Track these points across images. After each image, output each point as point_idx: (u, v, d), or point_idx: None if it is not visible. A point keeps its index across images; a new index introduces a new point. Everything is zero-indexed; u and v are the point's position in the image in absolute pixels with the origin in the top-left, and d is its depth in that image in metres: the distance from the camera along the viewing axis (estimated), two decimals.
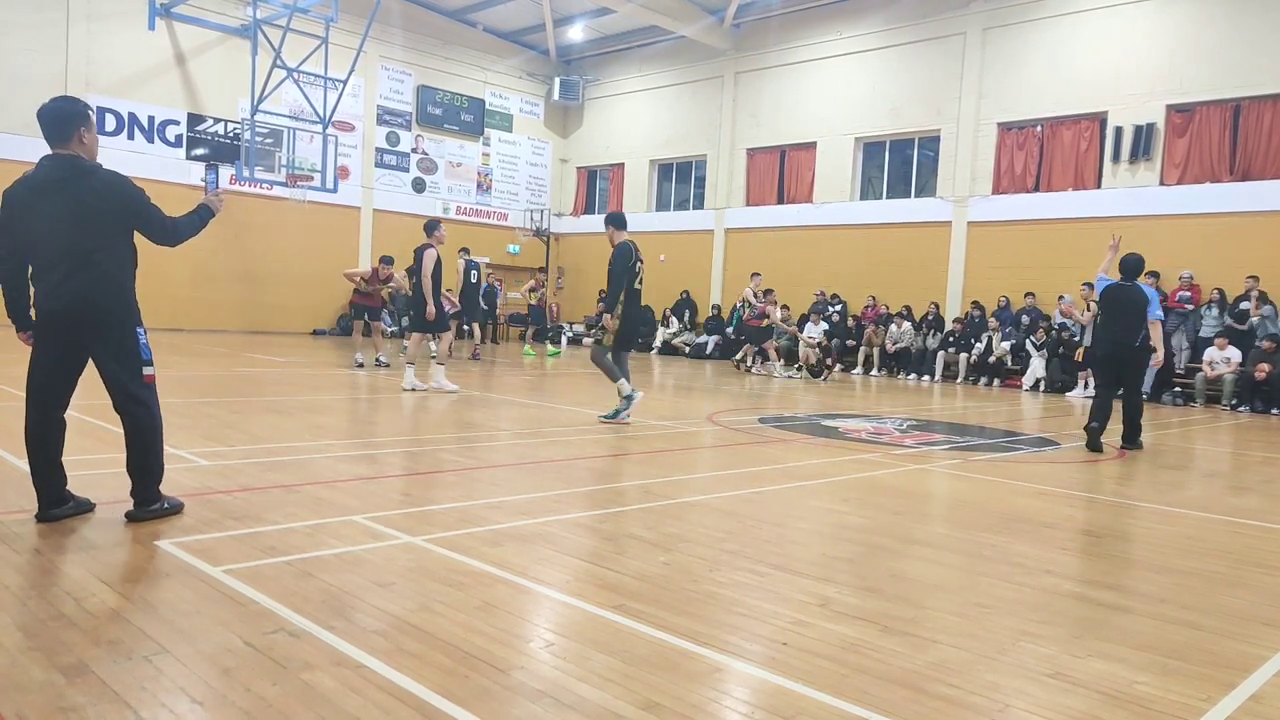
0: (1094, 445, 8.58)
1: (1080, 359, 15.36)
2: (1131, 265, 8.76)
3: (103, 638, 2.83)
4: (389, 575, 3.61)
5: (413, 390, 10.71)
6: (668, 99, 25.40)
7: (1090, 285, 11.94)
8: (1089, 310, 12.33)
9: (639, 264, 8.84)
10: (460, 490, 5.40)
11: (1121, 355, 8.69)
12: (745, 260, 23.40)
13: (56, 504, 4.18)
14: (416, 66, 24.81)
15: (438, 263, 10.72)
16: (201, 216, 4.51)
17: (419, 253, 10.91)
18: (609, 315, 8.89)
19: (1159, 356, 8.91)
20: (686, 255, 24.31)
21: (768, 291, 18.16)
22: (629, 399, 8.89)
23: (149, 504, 4.26)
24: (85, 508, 4.30)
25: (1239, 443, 10.38)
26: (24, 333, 4.25)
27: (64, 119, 4.08)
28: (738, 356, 18.29)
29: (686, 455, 7.48)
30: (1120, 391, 8.83)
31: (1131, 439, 8.80)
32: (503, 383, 12.95)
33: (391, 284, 14.60)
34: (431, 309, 10.79)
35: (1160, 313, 8.95)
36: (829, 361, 17.43)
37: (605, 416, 8.95)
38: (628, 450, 7.38)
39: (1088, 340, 14.98)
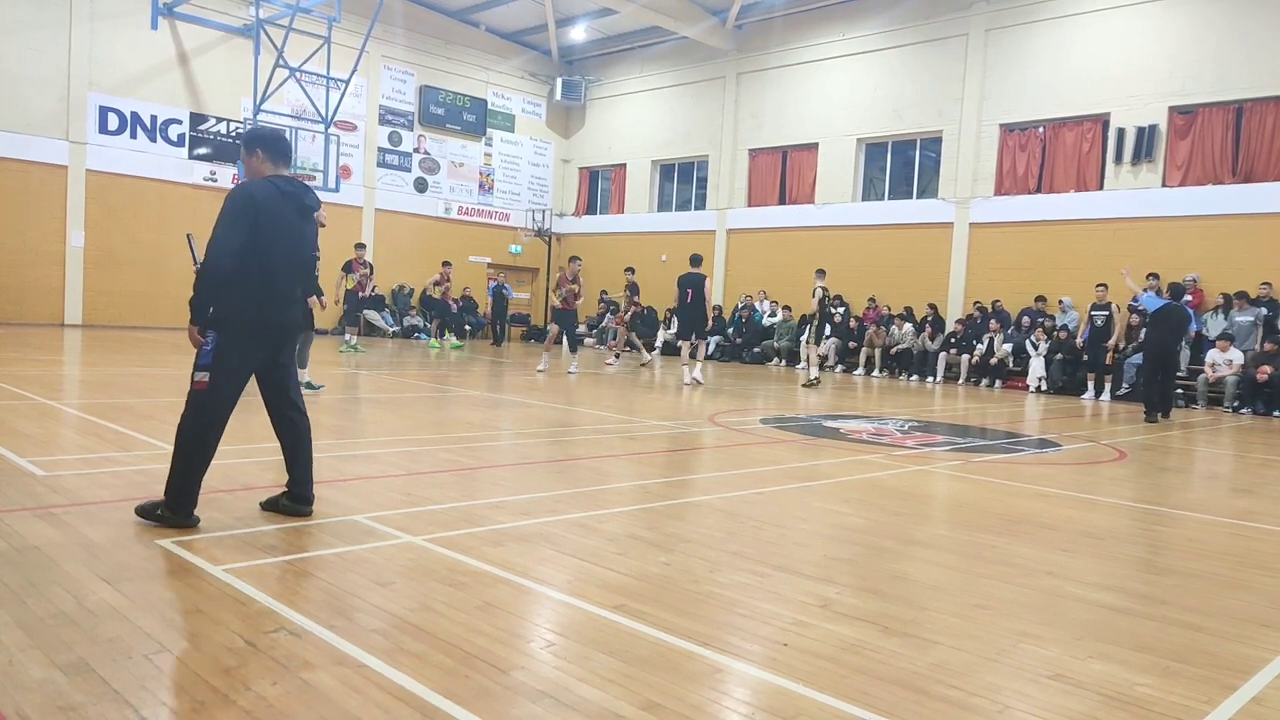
0: (1152, 419, 11.87)
1: (1111, 360, 15.44)
2: (1177, 290, 12.55)
3: (103, 636, 2.83)
4: (390, 575, 3.61)
5: (694, 384, 13.58)
6: (670, 100, 25.40)
7: (1134, 309, 15.09)
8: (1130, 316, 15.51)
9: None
10: (461, 490, 5.40)
11: (1168, 356, 12.23)
12: (747, 261, 23.42)
13: (194, 511, 4.17)
14: (419, 66, 24.82)
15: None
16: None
17: (698, 282, 14.17)
18: None
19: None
20: (688, 256, 24.25)
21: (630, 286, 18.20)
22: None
23: (311, 501, 4.48)
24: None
25: (1240, 445, 10.36)
26: (201, 328, 4.05)
27: (289, 148, 4.45)
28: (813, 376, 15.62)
29: (688, 456, 7.48)
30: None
31: (1166, 412, 12.14)
32: (503, 383, 12.96)
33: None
34: (710, 323, 14.74)
35: (1195, 326, 13.05)
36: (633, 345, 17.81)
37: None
38: (629, 451, 7.38)
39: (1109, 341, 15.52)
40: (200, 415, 4.07)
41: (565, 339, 15.24)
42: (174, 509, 4.07)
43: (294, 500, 4.44)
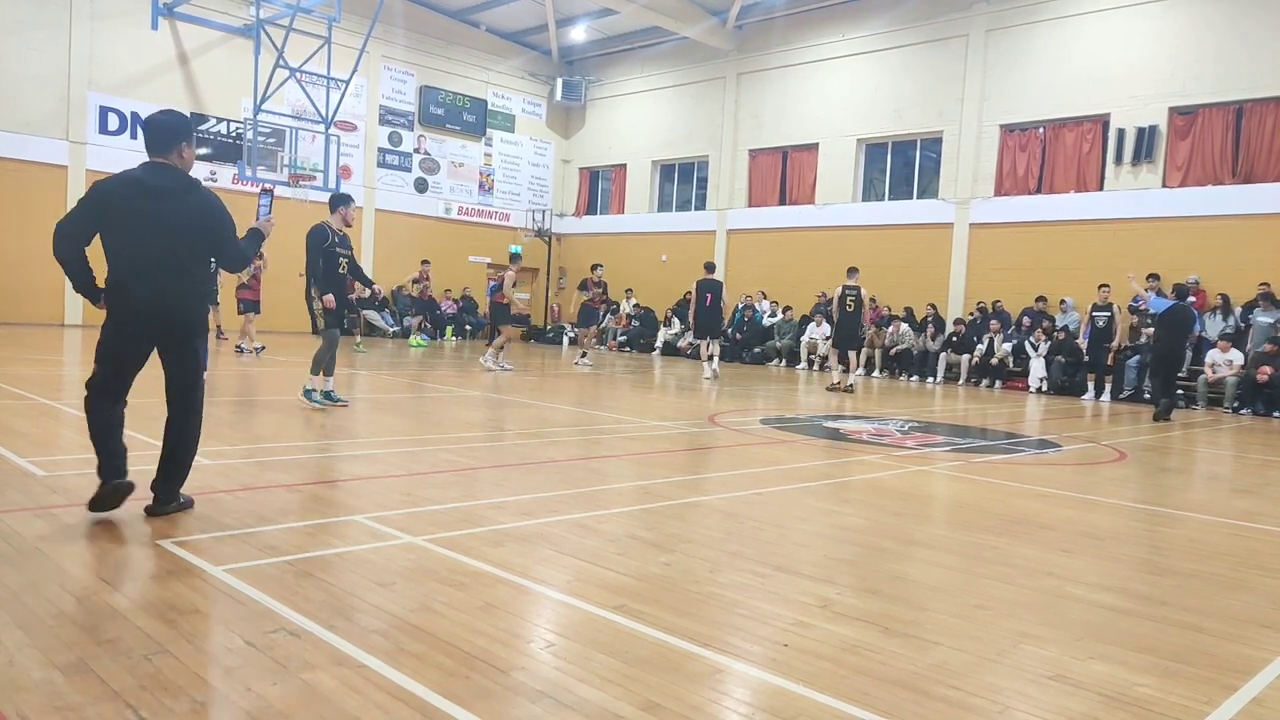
0: (1161, 417, 12.07)
1: (1112, 361, 15.40)
2: (1182, 290, 13.51)
3: (102, 636, 2.83)
4: (390, 575, 3.61)
5: (714, 377, 14.87)
6: (670, 100, 25.40)
7: (1134, 309, 15.81)
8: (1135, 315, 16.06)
9: (336, 248, 8.66)
10: (462, 490, 5.40)
11: (1175, 355, 12.73)
12: (747, 261, 23.42)
13: (119, 474, 4.21)
14: (419, 67, 24.81)
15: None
16: (255, 243, 4.64)
17: (718, 287, 15.20)
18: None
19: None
20: (688, 256, 24.29)
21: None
22: (313, 391, 8.74)
23: (171, 501, 4.32)
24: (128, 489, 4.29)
25: (1240, 445, 10.36)
26: (102, 303, 4.25)
27: (170, 132, 4.24)
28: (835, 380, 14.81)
29: (688, 456, 7.48)
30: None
31: (1168, 412, 12.28)
32: (502, 383, 12.95)
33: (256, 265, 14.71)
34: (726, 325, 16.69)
35: (1199, 327, 13.84)
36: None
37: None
38: (629, 451, 7.38)
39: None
40: (88, 385, 4.23)
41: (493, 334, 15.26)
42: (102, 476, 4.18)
43: (106, 475, 4.23)
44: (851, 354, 14.98)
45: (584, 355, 17.43)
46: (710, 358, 15.54)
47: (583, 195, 28.08)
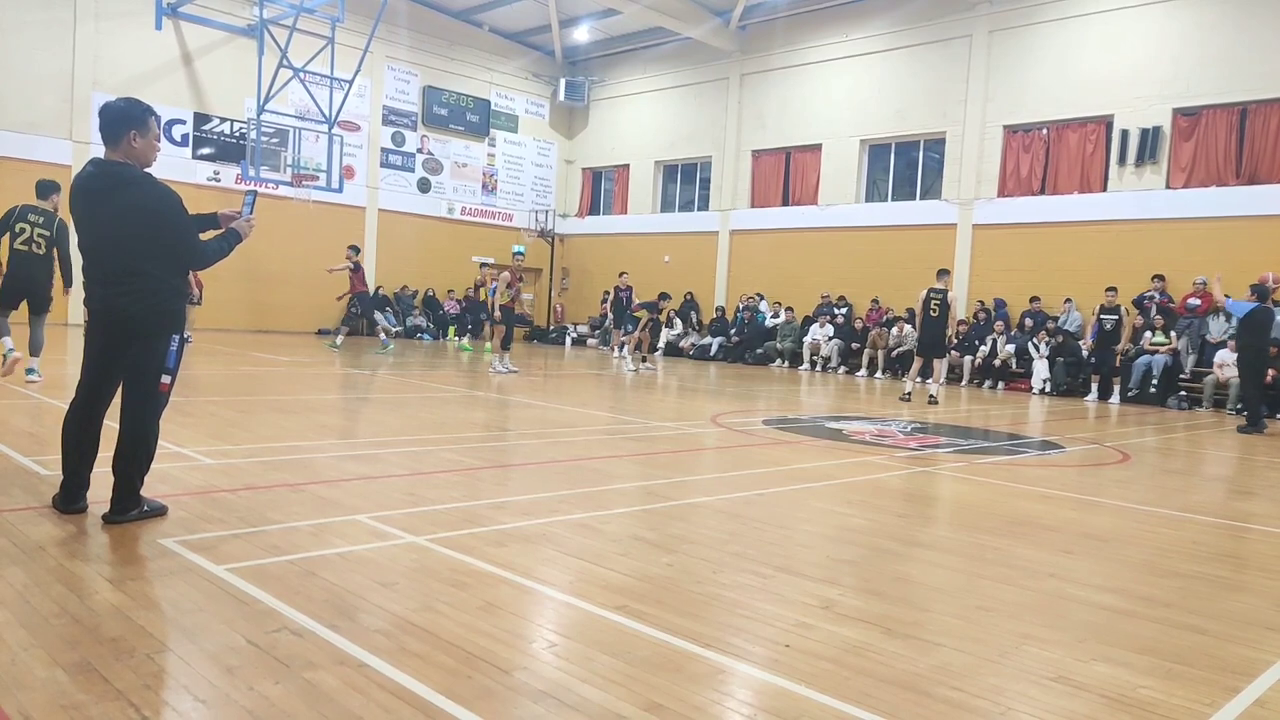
0: (1259, 428, 11.61)
1: (1116, 365, 15.31)
2: (1265, 292, 12.30)
3: (106, 635, 2.84)
4: (392, 575, 3.61)
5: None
6: (673, 100, 25.39)
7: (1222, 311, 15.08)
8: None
9: (22, 225, 9.11)
10: (464, 490, 5.41)
11: (1264, 358, 12.20)
12: (750, 262, 23.41)
13: (73, 500, 4.18)
14: (422, 67, 24.83)
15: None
16: (230, 242, 4.40)
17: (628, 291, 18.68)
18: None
19: None
20: (691, 257, 24.32)
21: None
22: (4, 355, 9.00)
23: (130, 509, 4.14)
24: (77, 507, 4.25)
25: (1243, 447, 10.34)
26: None
27: (116, 120, 4.02)
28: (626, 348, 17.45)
29: (690, 457, 7.48)
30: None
31: (1258, 423, 11.71)
32: (505, 383, 12.96)
33: None
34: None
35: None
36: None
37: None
38: (632, 451, 7.38)
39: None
40: (73, 401, 4.19)
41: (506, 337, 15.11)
42: (60, 489, 4.22)
43: (62, 495, 4.25)
44: (936, 362, 13.50)
45: (645, 360, 17.49)
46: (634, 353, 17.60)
47: (586, 196, 28.09)
